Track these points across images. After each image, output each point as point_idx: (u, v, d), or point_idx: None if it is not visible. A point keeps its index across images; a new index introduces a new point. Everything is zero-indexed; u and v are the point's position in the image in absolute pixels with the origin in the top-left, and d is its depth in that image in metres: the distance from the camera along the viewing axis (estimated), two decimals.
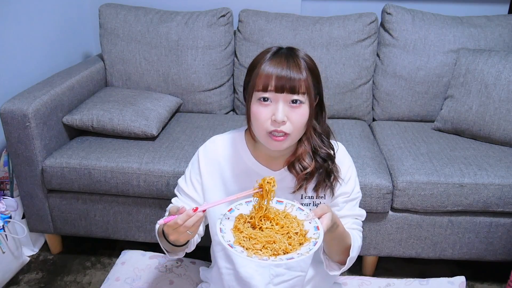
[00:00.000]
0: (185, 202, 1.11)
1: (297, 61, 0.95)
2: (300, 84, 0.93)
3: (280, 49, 0.99)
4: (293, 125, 0.95)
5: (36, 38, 1.97)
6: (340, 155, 1.11)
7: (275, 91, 0.93)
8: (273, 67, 0.94)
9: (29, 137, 1.60)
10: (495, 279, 1.77)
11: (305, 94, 0.95)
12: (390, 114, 2.07)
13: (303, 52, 1.00)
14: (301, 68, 0.94)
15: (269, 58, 0.96)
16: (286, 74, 0.93)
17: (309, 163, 1.03)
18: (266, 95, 0.94)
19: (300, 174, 1.04)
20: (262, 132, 0.97)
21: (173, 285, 1.30)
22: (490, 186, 1.53)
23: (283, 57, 0.95)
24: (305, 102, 0.95)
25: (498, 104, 1.74)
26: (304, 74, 0.94)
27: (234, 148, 1.09)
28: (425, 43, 1.97)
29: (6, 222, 1.67)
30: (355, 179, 1.13)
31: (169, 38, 2.04)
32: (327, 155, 1.04)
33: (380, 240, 1.65)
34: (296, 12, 2.22)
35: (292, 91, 0.93)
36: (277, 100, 0.94)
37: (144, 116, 1.76)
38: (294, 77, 0.93)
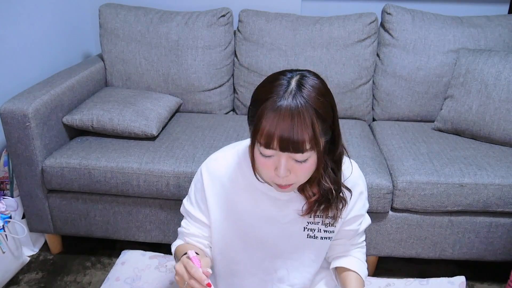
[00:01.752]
0: (197, 227, 1.08)
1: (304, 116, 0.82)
2: (305, 144, 0.84)
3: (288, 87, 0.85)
4: (297, 177, 0.89)
5: (36, 38, 1.97)
6: (353, 179, 1.04)
7: (278, 150, 0.85)
8: (276, 124, 0.82)
9: (29, 137, 1.60)
10: (495, 279, 1.77)
11: (312, 149, 0.86)
12: (390, 114, 2.07)
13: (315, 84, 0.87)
14: (307, 126, 0.83)
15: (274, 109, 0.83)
16: (290, 135, 0.82)
17: (316, 191, 0.99)
18: (268, 153, 0.86)
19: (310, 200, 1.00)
20: (266, 178, 0.93)
21: (173, 285, 1.30)
22: (490, 186, 1.53)
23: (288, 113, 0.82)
24: (312, 156, 0.87)
25: (498, 104, 1.74)
26: (310, 131, 0.83)
27: (239, 166, 1.03)
28: (425, 43, 1.97)
29: (6, 222, 1.67)
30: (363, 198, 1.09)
31: (169, 38, 2.04)
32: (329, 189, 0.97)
33: (380, 240, 1.65)
34: (296, 12, 2.22)
35: (296, 151, 0.84)
36: (280, 156, 0.86)
37: (144, 116, 1.76)
38: (298, 138, 0.83)
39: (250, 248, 1.08)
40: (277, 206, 1.03)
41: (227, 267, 1.11)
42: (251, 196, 1.03)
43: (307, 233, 1.06)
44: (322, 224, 1.05)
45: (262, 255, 1.09)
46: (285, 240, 1.07)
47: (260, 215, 1.04)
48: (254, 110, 0.87)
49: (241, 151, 1.04)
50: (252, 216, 1.05)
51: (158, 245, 1.78)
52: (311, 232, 1.06)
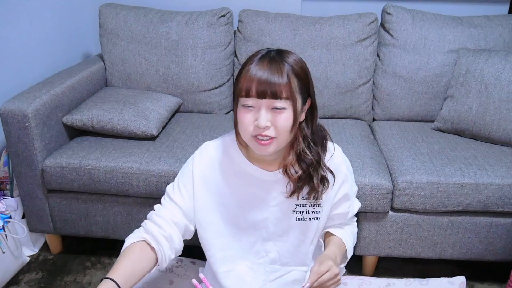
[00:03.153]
0: (168, 208, 1.08)
1: (280, 65, 0.93)
2: (281, 89, 0.92)
3: (269, 52, 0.97)
4: (277, 130, 0.94)
5: (36, 38, 1.97)
6: (337, 159, 1.09)
7: (256, 97, 0.92)
8: (256, 70, 0.93)
9: (29, 137, 1.60)
10: (495, 279, 1.77)
11: (288, 99, 0.93)
12: (390, 114, 2.07)
13: (293, 55, 0.98)
14: (283, 73, 0.92)
15: (255, 61, 0.94)
16: (267, 78, 0.91)
17: (298, 169, 1.02)
18: (249, 103, 0.93)
19: (293, 178, 1.03)
20: (247, 136, 0.97)
21: (173, 285, 1.30)
22: (490, 186, 1.53)
23: (266, 61, 0.94)
24: (288, 108, 0.94)
25: (498, 104, 1.74)
26: (285, 78, 0.92)
27: (227, 151, 1.08)
28: (425, 43, 1.97)
29: (6, 222, 1.67)
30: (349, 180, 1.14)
31: (169, 38, 2.04)
32: (311, 162, 1.02)
33: (380, 240, 1.65)
34: (296, 12, 2.22)
35: (274, 97, 0.92)
36: (260, 106, 0.93)
37: (144, 116, 1.76)
38: (275, 82, 0.91)
39: (240, 233, 1.11)
40: (264, 189, 1.07)
41: (221, 253, 1.12)
42: (239, 179, 1.07)
43: (296, 215, 1.10)
44: (309, 206, 1.09)
45: (252, 239, 1.12)
46: (274, 223, 1.10)
47: (249, 199, 1.08)
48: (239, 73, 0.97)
49: (230, 138, 1.10)
50: (241, 200, 1.08)
51: None
52: (300, 215, 1.10)
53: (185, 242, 1.13)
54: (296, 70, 0.95)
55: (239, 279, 1.13)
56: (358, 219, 1.63)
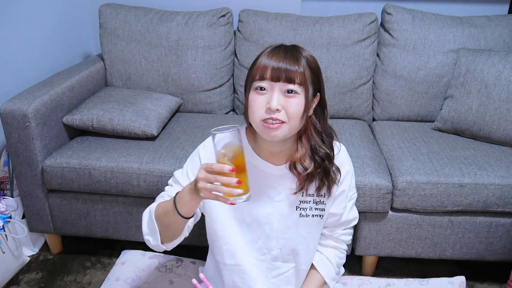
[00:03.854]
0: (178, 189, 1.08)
1: (296, 55, 0.96)
2: (296, 75, 0.94)
3: (282, 45, 1.00)
4: (288, 114, 0.95)
5: (36, 38, 1.97)
6: (342, 157, 1.12)
7: (270, 79, 0.94)
8: (271, 59, 0.95)
9: (29, 137, 1.60)
10: (495, 279, 1.77)
11: (301, 85, 0.95)
12: (390, 114, 2.07)
13: (307, 51, 1.00)
14: (299, 62, 0.95)
15: (269, 51, 0.97)
16: (282, 65, 0.94)
17: (309, 164, 1.03)
18: (262, 84, 0.95)
19: (302, 175, 1.04)
20: (257, 120, 0.97)
21: (173, 285, 1.30)
22: (490, 186, 1.53)
23: (282, 50, 0.97)
24: (301, 94, 0.95)
25: (498, 104, 1.74)
26: (301, 67, 0.95)
27: None
28: (425, 43, 1.97)
29: (6, 222, 1.67)
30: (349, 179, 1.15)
31: (169, 38, 2.04)
32: (326, 155, 1.04)
33: (380, 240, 1.65)
34: (296, 12, 2.22)
35: (288, 81, 0.94)
36: (273, 89, 0.95)
37: (144, 116, 1.76)
38: (290, 68, 0.94)
39: (244, 228, 1.11)
40: (269, 183, 1.07)
41: (227, 245, 1.13)
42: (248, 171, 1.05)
43: (299, 212, 1.10)
44: (313, 203, 1.10)
45: (256, 235, 1.12)
46: (278, 219, 1.10)
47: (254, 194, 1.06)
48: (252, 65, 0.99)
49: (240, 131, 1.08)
50: None
51: None
52: (303, 211, 1.10)
53: (185, 242, 1.13)
54: (311, 63, 0.98)
55: (244, 273, 1.13)
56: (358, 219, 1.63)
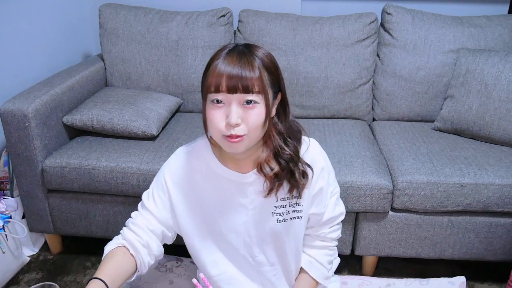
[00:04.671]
0: (144, 216, 1.07)
1: (250, 59, 0.90)
2: (253, 83, 0.88)
3: (236, 46, 0.94)
4: (248, 126, 0.90)
5: (36, 38, 1.97)
6: (313, 153, 1.06)
7: (227, 92, 0.88)
8: (225, 65, 0.89)
9: (29, 137, 1.60)
10: (495, 279, 1.77)
11: (260, 93, 0.90)
12: (390, 114, 2.07)
13: (262, 50, 0.94)
14: (254, 67, 0.89)
15: (223, 56, 0.91)
16: (238, 73, 0.88)
17: (274, 165, 0.99)
18: (219, 97, 0.89)
19: (269, 175, 0.99)
20: (218, 135, 0.93)
21: (173, 285, 1.30)
22: (490, 186, 1.53)
23: (235, 55, 0.90)
24: (260, 102, 0.90)
25: (498, 104, 1.74)
26: (257, 72, 0.89)
27: (200, 155, 1.05)
28: (425, 43, 1.97)
29: (6, 222, 1.67)
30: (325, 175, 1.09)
31: (169, 38, 2.04)
32: (290, 157, 0.99)
33: (380, 240, 1.65)
34: (296, 12, 2.22)
35: (245, 91, 0.88)
36: (230, 102, 0.89)
37: (144, 116, 1.76)
38: (246, 76, 0.88)
39: (222, 241, 1.09)
40: (240, 191, 1.03)
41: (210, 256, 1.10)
42: (214, 183, 1.04)
43: (276, 217, 1.06)
44: (289, 206, 1.06)
45: (235, 245, 1.09)
46: (255, 227, 1.07)
47: (226, 204, 1.05)
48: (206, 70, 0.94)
49: (204, 140, 1.06)
50: (218, 205, 1.05)
51: None
52: (280, 216, 1.06)
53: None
54: (267, 64, 0.92)
55: (233, 280, 1.12)
56: (358, 219, 1.64)
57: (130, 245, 1.03)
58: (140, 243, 1.04)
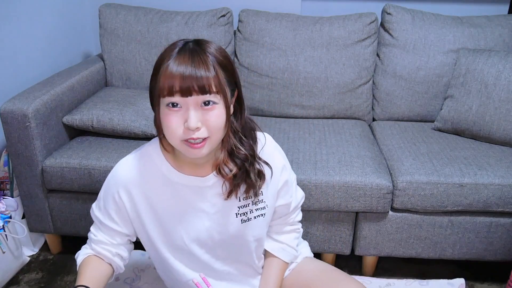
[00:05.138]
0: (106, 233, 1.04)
1: (204, 57, 0.83)
2: (210, 83, 0.82)
3: (186, 44, 0.87)
4: (210, 129, 0.85)
5: (36, 38, 1.97)
6: (269, 148, 1.03)
7: (181, 94, 0.82)
8: (177, 66, 0.82)
9: (29, 137, 1.60)
10: (495, 279, 1.77)
11: (218, 93, 0.84)
12: (390, 114, 2.07)
13: (214, 45, 0.88)
14: (208, 65, 0.83)
15: (173, 56, 0.84)
16: (191, 73, 0.81)
17: (232, 166, 0.95)
18: (174, 100, 0.83)
19: (228, 177, 0.96)
20: (176, 141, 0.87)
21: None
22: (490, 186, 1.53)
23: (187, 54, 0.84)
24: (219, 102, 0.85)
25: (498, 104, 1.74)
26: (212, 71, 0.83)
27: (151, 164, 0.98)
28: (425, 43, 1.97)
29: (6, 222, 1.67)
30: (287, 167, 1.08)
31: (169, 38, 2.04)
32: (245, 156, 0.95)
33: (380, 240, 1.65)
34: (296, 12, 2.22)
35: (202, 92, 0.82)
36: (187, 105, 0.83)
37: (144, 116, 1.76)
38: (201, 76, 0.82)
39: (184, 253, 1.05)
40: (200, 196, 0.99)
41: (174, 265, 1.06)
42: (169, 191, 0.98)
43: (241, 218, 1.03)
44: (252, 204, 1.03)
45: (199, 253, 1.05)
46: (219, 231, 1.03)
47: (187, 212, 1.00)
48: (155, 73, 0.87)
49: (152, 147, 1.00)
50: (177, 213, 1.00)
51: None
52: (244, 216, 1.03)
53: None
54: (221, 61, 0.86)
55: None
56: (358, 219, 1.64)
57: (101, 255, 1.04)
58: (111, 253, 1.03)
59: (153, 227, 1.02)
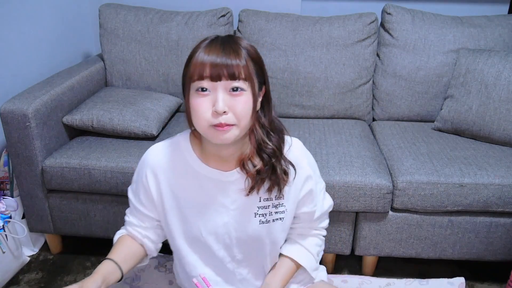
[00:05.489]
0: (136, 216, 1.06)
1: (235, 47, 0.88)
2: (239, 70, 0.86)
3: (218, 37, 0.92)
4: (237, 115, 0.87)
5: (36, 38, 1.97)
6: (296, 152, 1.03)
7: (211, 79, 0.85)
8: (208, 55, 0.86)
9: (29, 137, 1.60)
10: (495, 279, 1.77)
11: (246, 80, 0.87)
12: (390, 114, 2.07)
13: (245, 40, 0.93)
14: (240, 55, 0.87)
15: (204, 46, 0.89)
16: (222, 61, 0.85)
17: (258, 161, 0.96)
18: (203, 84, 0.86)
19: (251, 172, 0.96)
20: (204, 126, 0.88)
21: (173, 285, 1.30)
22: (490, 186, 1.53)
23: (218, 44, 0.88)
24: (247, 90, 0.88)
25: (498, 104, 1.74)
26: (243, 60, 0.87)
27: (178, 153, 1.01)
28: (425, 43, 1.97)
29: (6, 222, 1.67)
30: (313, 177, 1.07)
31: (169, 38, 2.04)
32: (272, 151, 0.96)
33: (380, 240, 1.65)
34: (296, 12, 2.22)
35: (231, 77, 0.85)
36: (216, 89, 0.86)
37: (144, 116, 1.76)
38: (231, 63, 0.85)
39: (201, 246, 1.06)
40: (222, 190, 1.00)
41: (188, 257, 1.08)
42: (194, 182, 1.00)
43: (259, 218, 1.03)
44: (272, 207, 1.03)
45: (215, 248, 1.06)
46: (236, 228, 1.03)
47: (207, 205, 1.01)
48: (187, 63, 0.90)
49: (182, 137, 1.03)
50: (198, 204, 1.02)
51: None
52: (263, 217, 1.03)
53: None
54: (252, 54, 0.90)
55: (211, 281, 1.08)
56: (358, 219, 1.64)
57: (133, 236, 1.07)
58: (140, 234, 1.07)
59: (173, 214, 1.04)
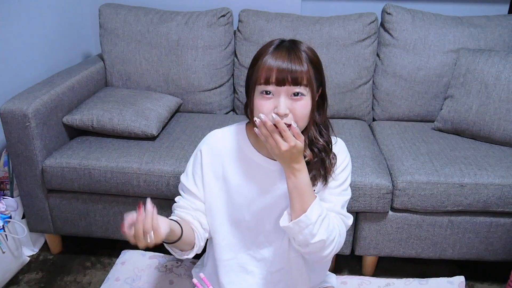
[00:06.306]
0: (187, 199, 1.11)
1: (298, 54, 0.96)
2: (302, 76, 0.94)
3: (283, 41, 1.00)
4: (296, 117, 0.96)
5: (36, 38, 1.97)
6: (339, 149, 1.10)
7: (276, 84, 0.94)
8: (275, 60, 0.94)
9: (29, 137, 1.60)
10: (495, 279, 1.77)
11: (307, 86, 0.95)
12: (390, 114, 2.07)
13: (305, 44, 1.01)
14: (302, 61, 0.95)
15: (271, 51, 0.97)
16: (287, 67, 0.94)
17: (308, 153, 1.02)
18: (268, 88, 0.95)
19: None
20: None
21: (173, 285, 1.30)
22: (490, 186, 1.53)
23: (284, 50, 0.96)
24: (307, 95, 0.96)
25: (498, 104, 1.74)
26: (305, 66, 0.95)
27: (236, 140, 1.10)
28: (425, 43, 1.97)
29: (6, 222, 1.67)
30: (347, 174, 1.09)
31: (169, 38, 2.04)
32: (323, 147, 1.04)
33: (380, 240, 1.65)
34: (296, 12, 2.22)
35: (294, 84, 0.94)
36: (279, 93, 0.95)
37: (144, 116, 1.76)
38: (295, 69, 0.94)
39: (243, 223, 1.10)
40: (269, 178, 1.07)
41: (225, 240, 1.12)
42: (245, 167, 1.08)
43: None
44: None
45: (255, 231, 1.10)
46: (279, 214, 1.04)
47: (254, 188, 1.07)
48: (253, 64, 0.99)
49: (239, 127, 1.11)
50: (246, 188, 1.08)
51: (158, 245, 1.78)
52: None
53: None
54: (312, 58, 0.98)
55: (240, 268, 1.12)
56: (358, 219, 1.64)
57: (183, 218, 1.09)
58: (192, 216, 1.09)
59: (220, 195, 1.09)
